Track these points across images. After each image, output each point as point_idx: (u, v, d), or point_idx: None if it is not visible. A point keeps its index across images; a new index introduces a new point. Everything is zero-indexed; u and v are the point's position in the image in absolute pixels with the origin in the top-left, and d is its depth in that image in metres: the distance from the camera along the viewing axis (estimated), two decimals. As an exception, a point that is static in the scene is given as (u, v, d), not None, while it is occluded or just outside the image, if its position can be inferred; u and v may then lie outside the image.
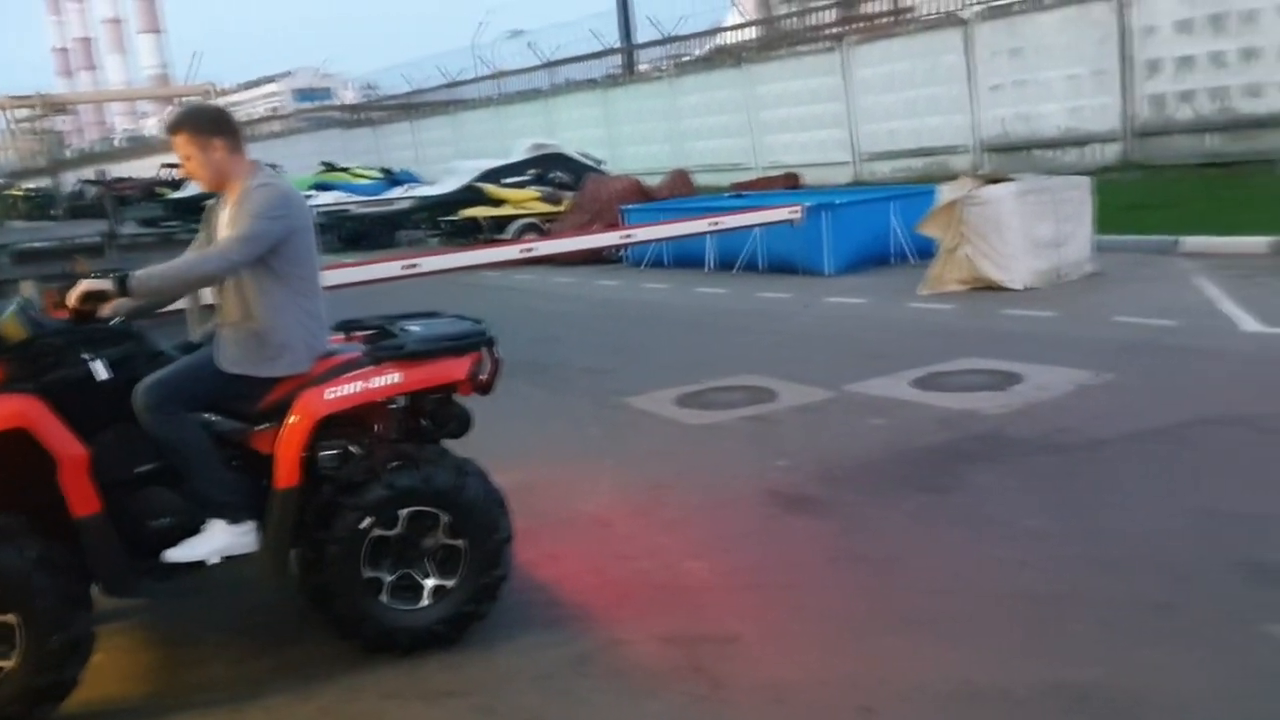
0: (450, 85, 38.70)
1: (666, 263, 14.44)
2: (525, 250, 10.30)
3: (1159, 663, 3.34)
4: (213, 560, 3.55)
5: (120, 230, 10.25)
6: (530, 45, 33.69)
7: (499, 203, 18.75)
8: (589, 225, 15.68)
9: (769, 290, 11.63)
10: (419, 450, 3.75)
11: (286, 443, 3.54)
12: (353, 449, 3.79)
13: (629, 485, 5.48)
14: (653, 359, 8.72)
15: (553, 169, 20.56)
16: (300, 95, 72.45)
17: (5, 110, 22.80)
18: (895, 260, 12.73)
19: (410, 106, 40.72)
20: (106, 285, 3.45)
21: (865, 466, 5.52)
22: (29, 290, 6.06)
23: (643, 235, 12.32)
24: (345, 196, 23.12)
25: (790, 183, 17.75)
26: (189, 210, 23.66)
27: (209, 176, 3.72)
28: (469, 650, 3.76)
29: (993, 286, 10.16)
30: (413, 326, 3.98)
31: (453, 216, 18.92)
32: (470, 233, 18.24)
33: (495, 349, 3.92)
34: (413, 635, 3.71)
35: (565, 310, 11.75)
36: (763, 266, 13.06)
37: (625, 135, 28.12)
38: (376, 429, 3.91)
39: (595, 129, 28.66)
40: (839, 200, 13.10)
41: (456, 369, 3.74)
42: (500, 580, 3.83)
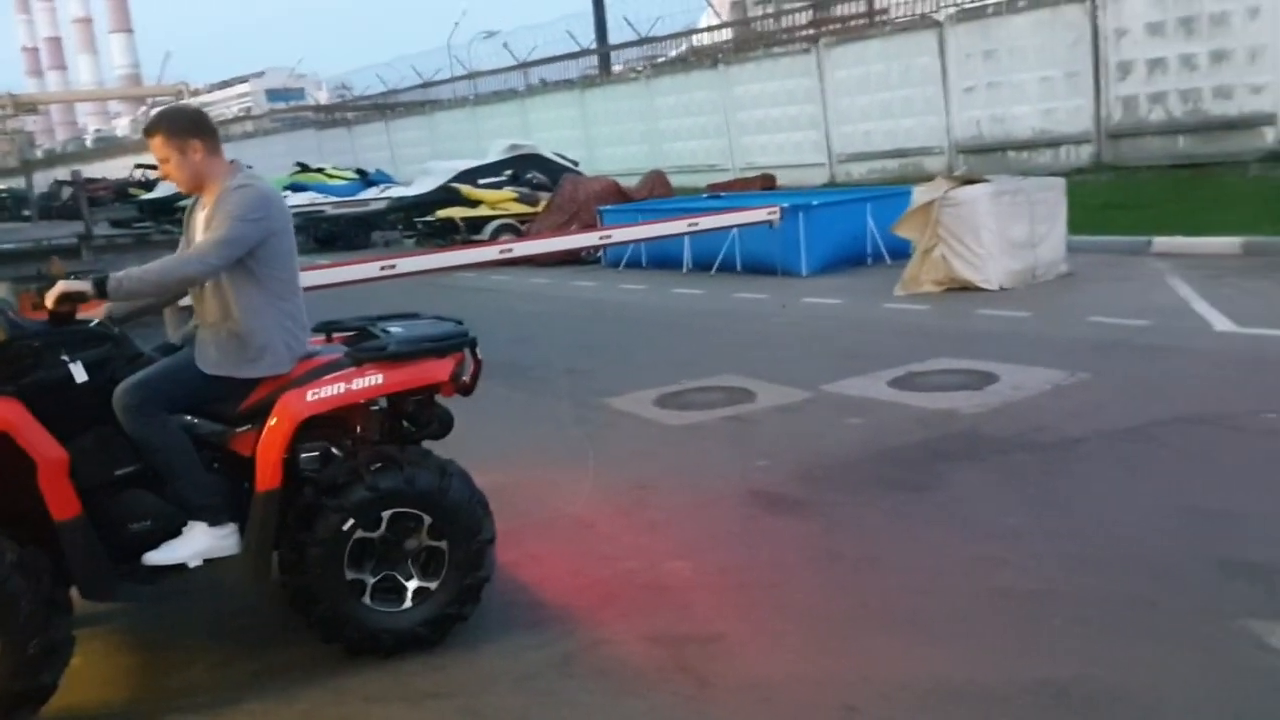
0: (425, 86, 38.59)
1: (644, 264, 14.46)
2: (504, 251, 10.29)
3: (1138, 658, 3.38)
4: (194, 563, 3.52)
5: (95, 231, 10.15)
6: (506, 46, 33.63)
7: (475, 203, 18.69)
8: (566, 226, 15.68)
9: (746, 291, 11.66)
10: (402, 452, 3.74)
11: (268, 445, 3.52)
12: (334, 451, 3.78)
13: (610, 486, 5.48)
14: (631, 360, 8.72)
15: (529, 170, 20.52)
16: (273, 96, 72.05)
17: (-26, 110, 22.51)
18: (871, 261, 12.80)
19: (385, 107, 40.58)
20: (85, 287, 3.42)
21: (844, 466, 5.54)
22: (3, 291, 6.02)
23: (621, 236, 12.32)
24: (320, 197, 23.01)
25: (767, 184, 17.81)
26: (162, 211, 23.48)
27: (187, 178, 3.70)
28: (452, 652, 3.75)
29: (968, 287, 10.23)
30: (394, 328, 3.96)
31: (428, 217, 18.85)
32: (446, 233, 18.17)
33: (477, 350, 3.91)
34: (396, 637, 3.70)
35: (543, 311, 11.74)
36: (740, 268, 13.09)
37: (601, 136, 28.12)
38: (358, 430, 3.90)
39: (571, 130, 28.64)
40: (815, 201, 13.16)
41: (439, 370, 3.73)
42: (483, 582, 3.82)
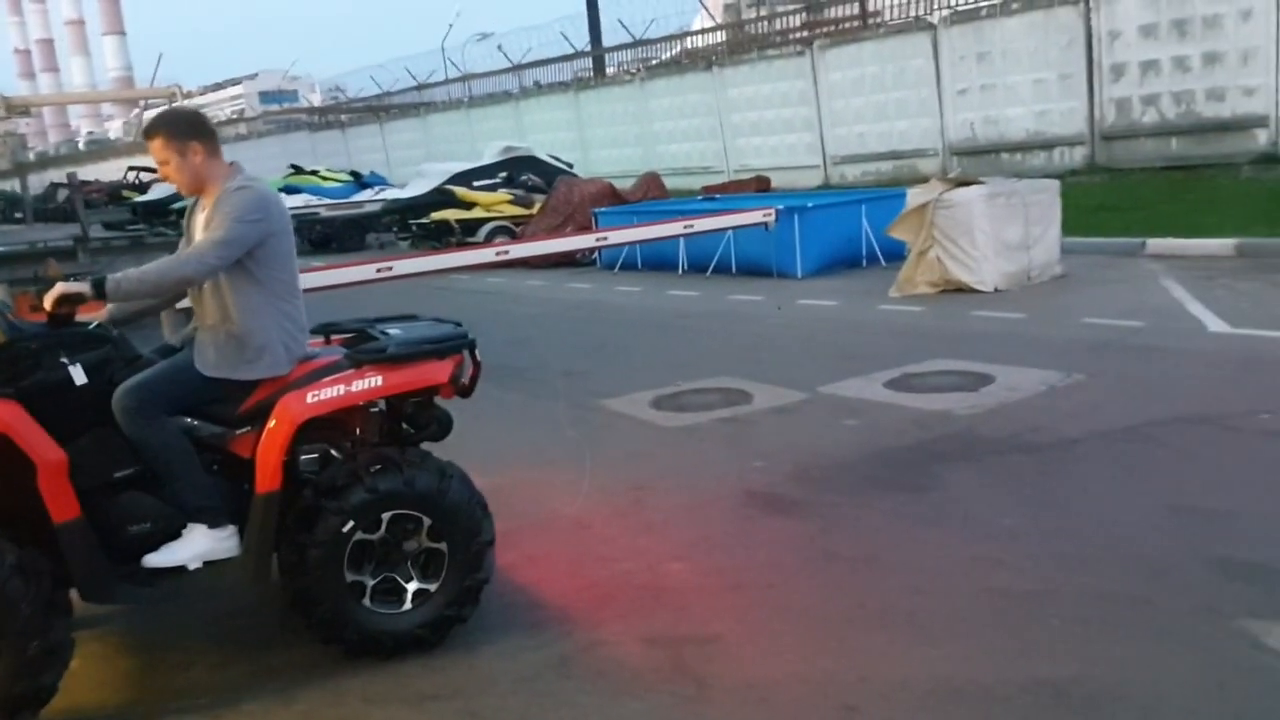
0: (419, 88, 38.56)
1: (639, 266, 14.47)
2: (500, 253, 10.29)
3: (1135, 658, 3.39)
4: (193, 565, 3.53)
5: (91, 234, 10.13)
6: (500, 48, 33.61)
7: (470, 205, 18.69)
8: (561, 228, 15.70)
9: (741, 293, 11.68)
10: (401, 454, 3.74)
11: (267, 447, 3.53)
12: (333, 453, 3.78)
13: (607, 487, 5.49)
14: (628, 361, 8.73)
15: (524, 172, 20.53)
16: (266, 98, 71.92)
17: (-34, 113, 22.47)
18: (866, 263, 12.82)
19: (379, 109, 40.53)
20: (83, 289, 3.42)
21: (841, 467, 5.56)
22: (0, 294, 6.01)
23: (617, 238, 12.33)
24: (314, 199, 23.00)
25: (761, 186, 17.82)
26: (156, 214, 23.48)
27: (187, 180, 3.70)
28: (451, 653, 3.76)
29: (962, 289, 10.26)
30: (392, 329, 3.97)
31: (423, 219, 18.84)
32: (441, 236, 18.16)
33: (476, 352, 3.92)
34: (395, 639, 3.70)
35: (539, 313, 11.74)
36: (735, 269, 13.12)
37: (596, 138, 28.13)
38: (357, 432, 3.91)
39: (566, 132, 28.65)
40: (810, 203, 13.18)
41: (438, 372, 3.73)
42: (483, 583, 3.83)
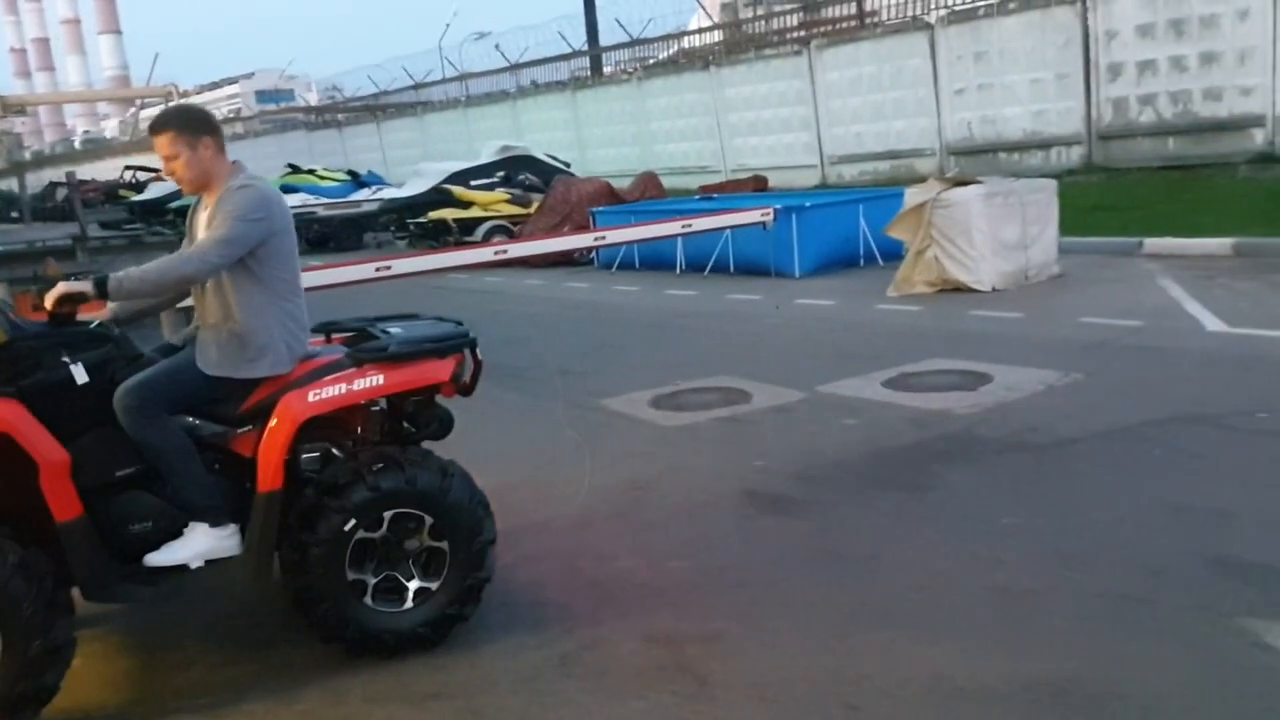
0: (416, 87, 38.56)
1: (637, 265, 14.47)
2: (499, 252, 10.29)
3: (1135, 656, 3.40)
4: (195, 564, 3.53)
5: (89, 233, 10.12)
6: (497, 47, 33.60)
7: (468, 205, 18.69)
8: (559, 227, 15.70)
9: (739, 292, 11.69)
10: (403, 452, 3.74)
11: (269, 446, 3.53)
12: (335, 451, 3.79)
13: (607, 487, 5.50)
14: (626, 361, 8.74)
15: (521, 171, 20.54)
16: (262, 97, 71.89)
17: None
18: (864, 262, 12.83)
19: (376, 108, 40.50)
20: (85, 288, 3.42)
21: (840, 466, 5.57)
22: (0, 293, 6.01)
23: (616, 237, 12.33)
24: (311, 199, 22.97)
25: (759, 185, 17.84)
26: (152, 213, 23.48)
27: (194, 177, 3.69)
28: (453, 652, 3.76)
29: (960, 288, 10.27)
30: (394, 328, 3.97)
31: (421, 219, 18.85)
32: (438, 235, 18.16)
33: (477, 350, 3.92)
34: (397, 637, 3.70)
35: (537, 313, 11.74)
36: (733, 269, 13.12)
37: (593, 138, 28.13)
38: (359, 431, 3.91)
39: (563, 131, 28.65)
40: (808, 203, 13.19)
41: (440, 371, 3.74)
42: (484, 582, 3.83)
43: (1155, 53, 16.56)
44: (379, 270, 8.86)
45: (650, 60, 31.02)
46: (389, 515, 3.65)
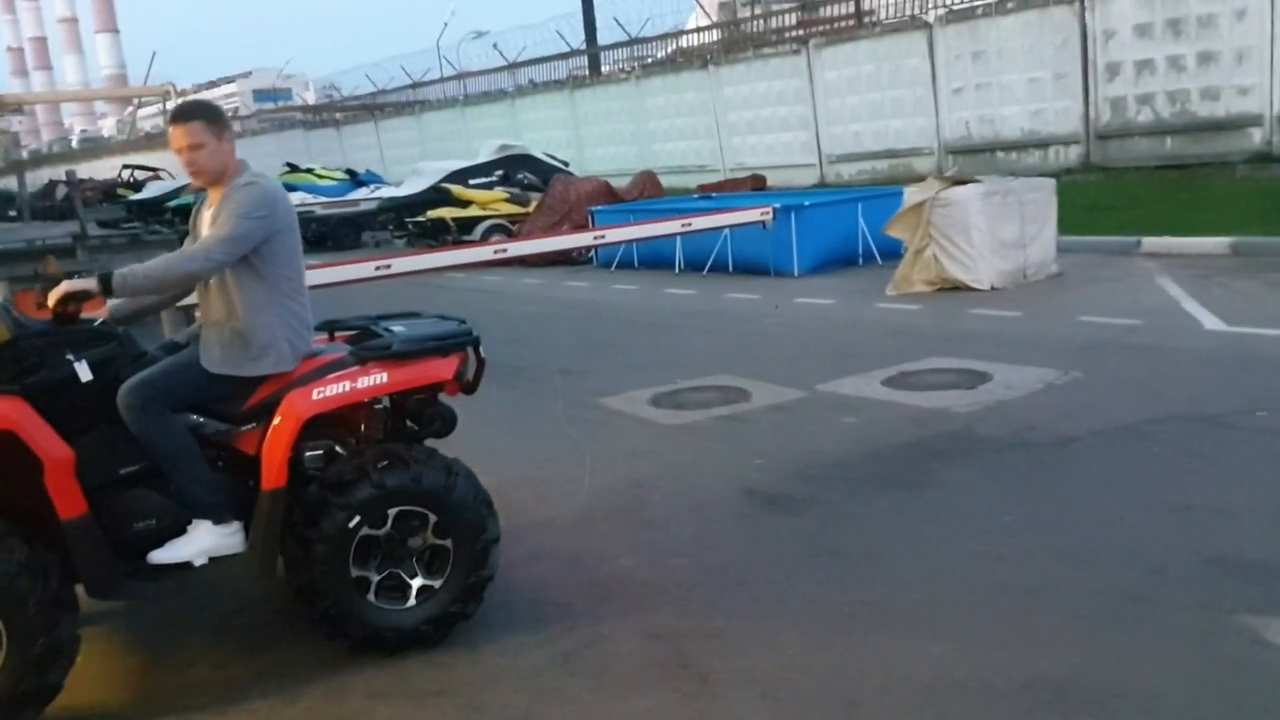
0: (414, 86, 38.51)
1: (636, 264, 14.48)
2: (498, 251, 10.29)
3: (1136, 653, 3.42)
4: (199, 561, 3.54)
5: (89, 231, 10.12)
6: (495, 46, 33.58)
7: (466, 204, 18.69)
8: (558, 226, 15.69)
9: (738, 291, 11.70)
10: (408, 450, 3.76)
11: (273, 443, 3.54)
12: (338, 449, 3.80)
13: (607, 485, 5.51)
14: (626, 360, 8.75)
15: (520, 170, 20.52)
16: (260, 96, 71.78)
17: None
18: (863, 261, 12.84)
19: (374, 107, 40.47)
20: (90, 285, 3.43)
21: (840, 464, 5.58)
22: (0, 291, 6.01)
23: (615, 236, 12.34)
24: (309, 197, 22.94)
25: (757, 184, 17.85)
26: (151, 212, 23.46)
27: (215, 168, 3.69)
28: (455, 650, 3.77)
29: (959, 287, 10.29)
30: (396, 327, 3.98)
31: (419, 217, 18.84)
32: (437, 234, 18.16)
33: (480, 349, 3.93)
34: (399, 635, 3.71)
35: (536, 312, 11.75)
36: (732, 268, 13.13)
37: (591, 136, 28.13)
38: (362, 429, 3.92)
39: (561, 130, 28.65)
40: (807, 202, 13.19)
41: (443, 369, 3.75)
42: (487, 581, 3.84)
43: (1153, 52, 16.59)
44: (378, 269, 8.86)
45: (648, 59, 31.00)
46: (393, 513, 3.65)
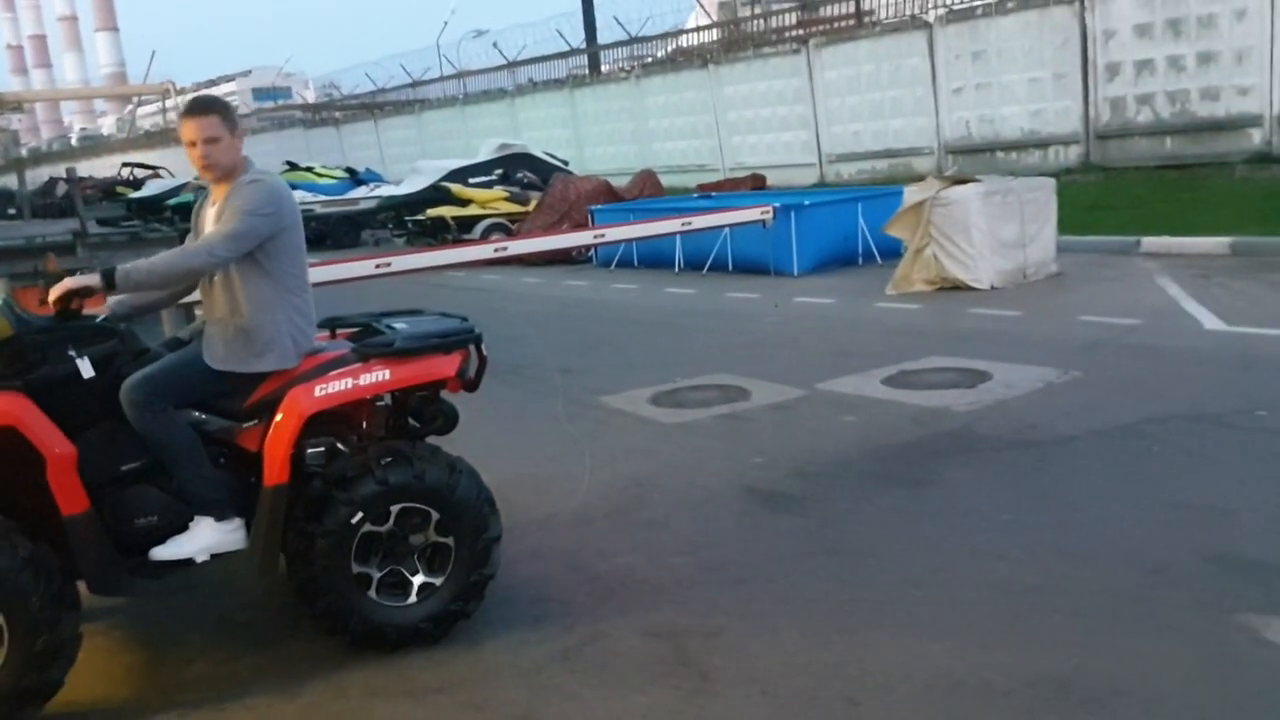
0: (414, 85, 38.49)
1: (635, 264, 14.47)
2: (498, 250, 10.29)
3: (1136, 652, 3.42)
4: (200, 558, 3.54)
5: (89, 229, 10.13)
6: (495, 45, 33.58)
7: (466, 203, 18.69)
8: (557, 225, 15.69)
9: (738, 290, 11.70)
10: (411, 447, 3.76)
11: (275, 440, 3.54)
12: (340, 446, 3.80)
13: (607, 483, 5.51)
14: (626, 359, 8.75)
15: (519, 169, 20.52)
16: (259, 95, 71.68)
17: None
18: (862, 261, 12.85)
19: (373, 106, 40.46)
20: (92, 281, 3.43)
21: (840, 463, 5.58)
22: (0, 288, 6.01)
23: (615, 235, 12.34)
24: (309, 196, 22.92)
25: (757, 184, 17.85)
26: (150, 210, 23.45)
27: (228, 163, 3.69)
28: (455, 647, 3.78)
29: (959, 286, 10.30)
30: (399, 324, 3.98)
31: (419, 216, 18.84)
32: (437, 232, 18.16)
33: (482, 346, 3.94)
34: (400, 632, 3.72)
35: (536, 310, 11.75)
36: (731, 267, 13.13)
37: (591, 135, 28.14)
38: (364, 426, 3.92)
39: (561, 129, 28.65)
40: (807, 201, 13.20)
41: (445, 366, 3.75)
42: (488, 579, 3.84)
43: (1153, 52, 16.61)
44: (378, 267, 8.86)
45: (648, 58, 31.00)
46: (396, 509, 3.66)
